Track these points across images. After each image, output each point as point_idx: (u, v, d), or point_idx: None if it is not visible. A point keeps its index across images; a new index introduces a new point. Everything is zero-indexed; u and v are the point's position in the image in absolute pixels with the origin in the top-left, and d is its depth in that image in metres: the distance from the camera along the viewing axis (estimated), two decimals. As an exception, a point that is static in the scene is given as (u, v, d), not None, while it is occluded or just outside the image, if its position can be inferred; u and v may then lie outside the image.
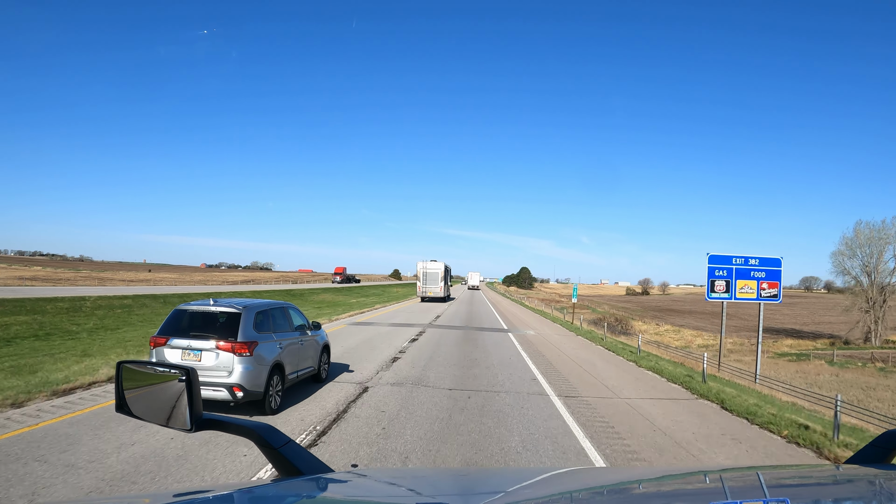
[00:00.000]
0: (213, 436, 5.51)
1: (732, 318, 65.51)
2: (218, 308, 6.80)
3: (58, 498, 3.91)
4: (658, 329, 38.28)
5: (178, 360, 6.41)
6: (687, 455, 6.12)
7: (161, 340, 6.57)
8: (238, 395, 6.29)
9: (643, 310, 76.32)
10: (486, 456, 5.64)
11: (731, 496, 1.10)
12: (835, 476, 1.31)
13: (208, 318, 6.74)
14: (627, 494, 1.16)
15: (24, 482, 4.37)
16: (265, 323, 7.12)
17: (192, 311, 6.85)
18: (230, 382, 6.26)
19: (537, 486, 1.22)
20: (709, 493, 1.16)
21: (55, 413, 6.44)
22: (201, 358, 6.39)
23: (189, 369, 1.24)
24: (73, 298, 25.69)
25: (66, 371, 8.87)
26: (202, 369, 6.15)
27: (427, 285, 40.52)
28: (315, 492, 1.16)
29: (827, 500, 1.05)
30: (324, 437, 5.96)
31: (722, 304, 15.95)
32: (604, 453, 5.94)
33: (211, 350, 6.40)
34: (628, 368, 12.75)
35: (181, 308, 6.95)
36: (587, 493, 1.18)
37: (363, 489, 1.27)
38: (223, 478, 4.62)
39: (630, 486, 1.24)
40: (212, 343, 6.41)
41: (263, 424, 1.22)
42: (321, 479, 1.19)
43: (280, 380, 7.08)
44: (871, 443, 1.22)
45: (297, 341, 7.88)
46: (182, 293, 34.73)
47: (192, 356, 6.43)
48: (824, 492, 1.11)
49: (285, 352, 7.32)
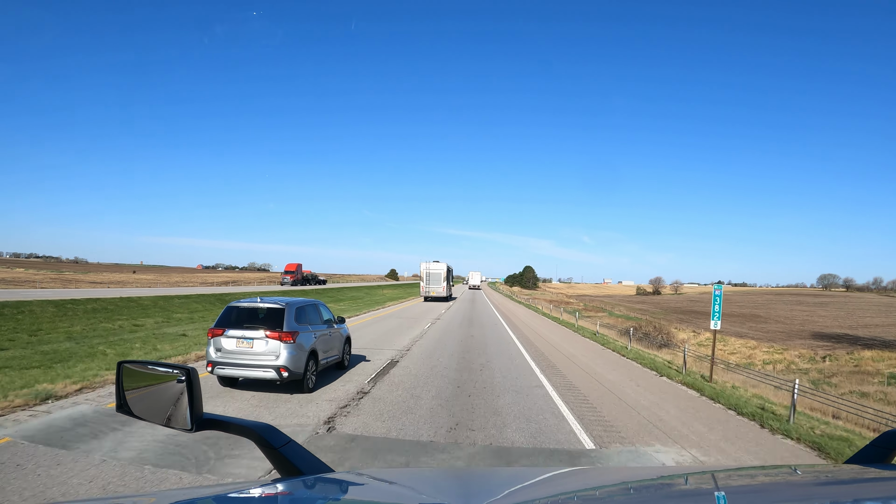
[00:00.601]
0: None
1: (766, 320, 59.23)
2: (265, 304, 8.19)
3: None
4: (698, 338, 32.74)
5: (234, 347, 7.73)
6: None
7: (218, 331, 7.88)
8: (284, 375, 7.64)
9: (663, 312, 70.50)
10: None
11: (731, 496, 1.07)
12: (835, 476, 1.25)
13: (258, 312, 8.09)
14: (629, 494, 1.14)
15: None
16: (302, 316, 8.46)
17: (243, 307, 8.17)
18: (277, 364, 7.60)
19: (539, 487, 1.23)
20: (710, 493, 1.13)
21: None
22: (253, 345, 7.72)
23: (189, 369, 1.25)
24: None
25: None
26: (254, 354, 7.66)
27: (430, 285, 41.36)
28: (316, 492, 1.14)
29: (827, 500, 1.02)
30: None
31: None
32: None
33: (261, 338, 7.70)
34: (748, 431, 7.37)
35: (233, 305, 8.28)
36: (589, 493, 1.16)
37: (364, 489, 1.26)
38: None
39: (632, 487, 1.22)
40: (261, 333, 7.73)
41: (264, 424, 1.22)
42: (322, 479, 1.19)
43: (315, 364, 8.47)
44: (871, 443, 1.22)
45: (327, 333, 9.32)
46: (133, 296, 29.43)
47: (245, 343, 7.74)
48: (824, 492, 1.09)
49: (318, 341, 8.68)
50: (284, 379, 7.64)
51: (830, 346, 32.33)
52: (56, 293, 31.66)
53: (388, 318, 24.61)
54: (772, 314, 64.15)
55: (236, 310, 8.09)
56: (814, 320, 57.61)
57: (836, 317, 61.16)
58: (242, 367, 7.72)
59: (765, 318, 58.95)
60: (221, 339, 7.77)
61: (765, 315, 62.79)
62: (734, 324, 52.72)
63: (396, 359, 12.17)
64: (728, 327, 49.08)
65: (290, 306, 8.12)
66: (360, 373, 10.20)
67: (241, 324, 7.86)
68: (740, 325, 51.54)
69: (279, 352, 7.59)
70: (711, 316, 11.98)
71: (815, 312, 67.60)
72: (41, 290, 35.59)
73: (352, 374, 10.04)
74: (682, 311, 71.08)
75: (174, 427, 1.24)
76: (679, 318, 59.43)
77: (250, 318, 7.95)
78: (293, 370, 7.68)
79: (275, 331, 7.69)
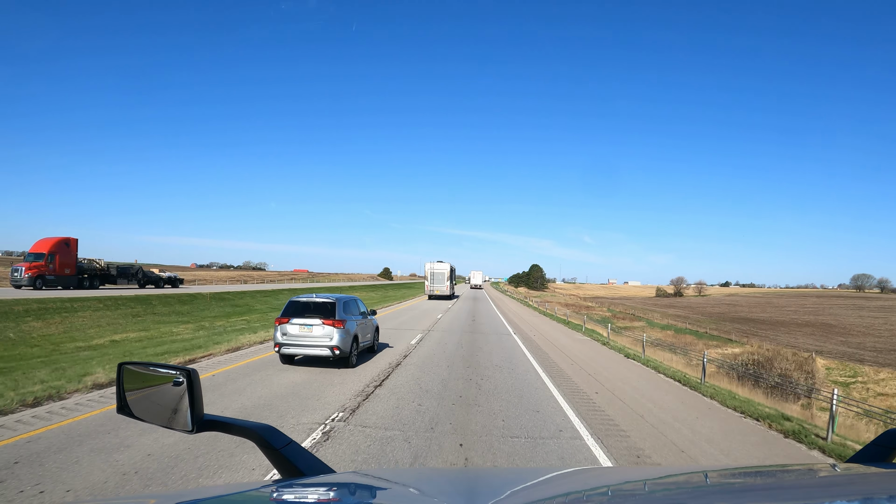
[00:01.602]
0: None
1: (845, 331, 48.81)
2: (320, 299, 10.26)
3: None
4: (835, 374, 22.94)
5: (297, 332, 9.78)
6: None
7: (284, 320, 9.89)
8: (336, 353, 9.69)
9: (708, 319, 60.36)
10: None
11: (732, 496, 1.09)
12: (835, 476, 1.25)
13: (315, 305, 10.11)
14: (631, 495, 1.14)
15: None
16: (347, 309, 10.57)
17: (302, 301, 10.27)
18: (331, 345, 9.67)
19: (542, 487, 1.22)
20: (710, 493, 1.12)
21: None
22: (312, 330, 9.76)
23: (190, 370, 1.25)
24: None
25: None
26: (313, 337, 9.72)
27: (434, 284, 42.70)
28: (317, 492, 1.13)
29: (827, 500, 0.99)
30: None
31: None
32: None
33: (318, 325, 9.75)
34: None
35: (294, 300, 10.40)
36: (591, 494, 1.16)
37: (365, 489, 1.25)
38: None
39: (634, 487, 1.23)
40: (318, 321, 9.76)
41: (264, 425, 1.22)
42: (323, 480, 1.19)
43: (356, 346, 10.57)
44: (872, 442, 1.21)
45: (364, 322, 11.44)
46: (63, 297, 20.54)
47: (306, 329, 9.78)
48: (824, 492, 1.07)
49: (358, 328, 10.77)
50: (336, 356, 9.82)
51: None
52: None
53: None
54: (842, 322, 53.95)
55: (298, 303, 10.28)
56: (876, 326, 47.48)
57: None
58: (304, 347, 9.85)
59: (840, 329, 48.84)
60: (287, 325, 9.90)
61: (836, 324, 52.57)
62: (811, 337, 42.83)
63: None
64: (807, 342, 39.16)
65: (339, 301, 10.42)
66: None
67: (302, 314, 9.98)
68: (820, 338, 41.56)
69: (332, 335, 9.77)
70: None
71: (889, 319, 57.42)
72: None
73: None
74: (729, 319, 60.85)
75: (175, 428, 1.26)
76: (736, 328, 49.36)
77: (310, 309, 10.08)
78: (343, 349, 9.84)
79: (329, 319, 9.83)
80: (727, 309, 76.76)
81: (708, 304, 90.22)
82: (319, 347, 9.71)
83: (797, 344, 34.56)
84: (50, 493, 4.03)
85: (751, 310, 73.32)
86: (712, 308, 79.60)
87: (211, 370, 9.67)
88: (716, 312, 69.65)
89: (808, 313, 64.16)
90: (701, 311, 71.39)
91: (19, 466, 4.57)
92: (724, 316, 64.51)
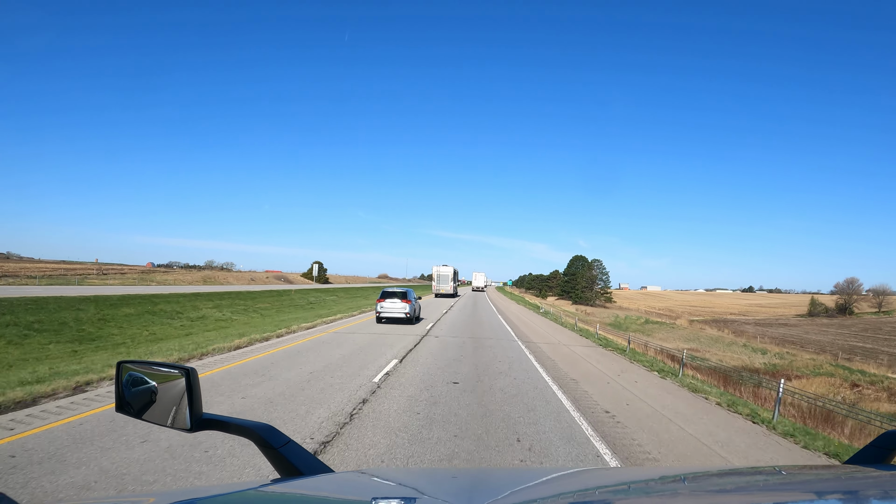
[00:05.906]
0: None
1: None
2: (399, 289, 20.73)
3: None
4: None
5: (389, 305, 19.63)
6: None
7: (381, 300, 19.67)
8: (409, 316, 19.56)
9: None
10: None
11: (732, 497, 1.10)
12: (835, 476, 1.24)
13: (397, 292, 20.11)
14: (631, 495, 1.15)
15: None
16: (411, 295, 20.38)
17: (390, 290, 20.28)
18: (406, 312, 19.46)
19: (543, 487, 1.22)
20: (710, 494, 1.14)
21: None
22: (396, 305, 19.48)
23: (189, 369, 1.24)
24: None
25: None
26: (397, 308, 19.55)
27: (440, 284, 50.79)
28: (316, 492, 1.12)
29: (827, 500, 1.01)
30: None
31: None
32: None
33: (399, 302, 19.53)
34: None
35: (386, 290, 20.40)
36: (593, 494, 1.15)
37: (365, 489, 1.23)
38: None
39: (636, 487, 1.23)
40: (399, 300, 19.60)
41: (263, 424, 1.21)
42: (322, 480, 1.18)
43: (415, 314, 20.76)
44: (871, 443, 1.21)
45: (416, 303, 21.24)
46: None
47: (392, 304, 19.51)
48: (824, 492, 1.09)
49: (415, 304, 20.72)
50: (409, 317, 19.53)
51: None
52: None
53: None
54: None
55: (387, 291, 20.12)
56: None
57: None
58: (392, 312, 19.34)
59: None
60: (383, 302, 19.49)
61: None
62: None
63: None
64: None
65: (409, 290, 20.80)
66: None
67: (391, 297, 19.64)
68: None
69: (408, 308, 19.40)
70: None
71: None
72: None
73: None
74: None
75: (174, 427, 1.24)
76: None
77: (394, 294, 19.80)
78: (412, 315, 19.72)
79: (405, 300, 19.52)
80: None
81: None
82: (400, 312, 19.30)
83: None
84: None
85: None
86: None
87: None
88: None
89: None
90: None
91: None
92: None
